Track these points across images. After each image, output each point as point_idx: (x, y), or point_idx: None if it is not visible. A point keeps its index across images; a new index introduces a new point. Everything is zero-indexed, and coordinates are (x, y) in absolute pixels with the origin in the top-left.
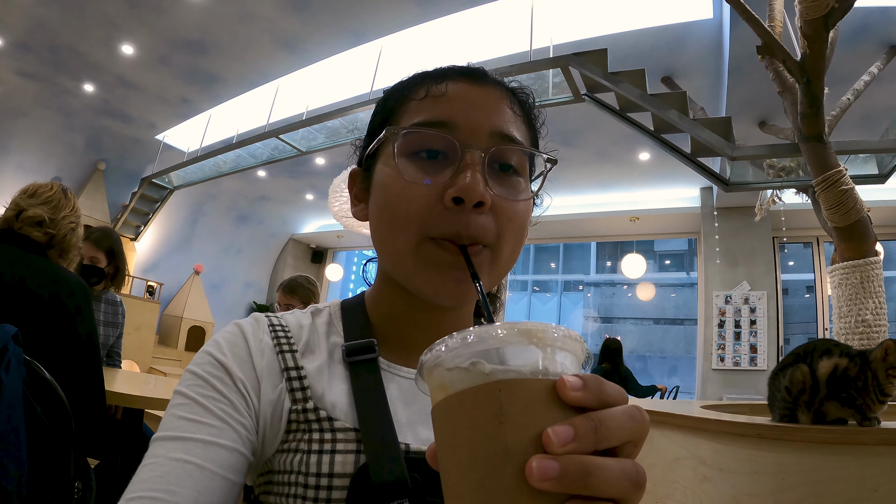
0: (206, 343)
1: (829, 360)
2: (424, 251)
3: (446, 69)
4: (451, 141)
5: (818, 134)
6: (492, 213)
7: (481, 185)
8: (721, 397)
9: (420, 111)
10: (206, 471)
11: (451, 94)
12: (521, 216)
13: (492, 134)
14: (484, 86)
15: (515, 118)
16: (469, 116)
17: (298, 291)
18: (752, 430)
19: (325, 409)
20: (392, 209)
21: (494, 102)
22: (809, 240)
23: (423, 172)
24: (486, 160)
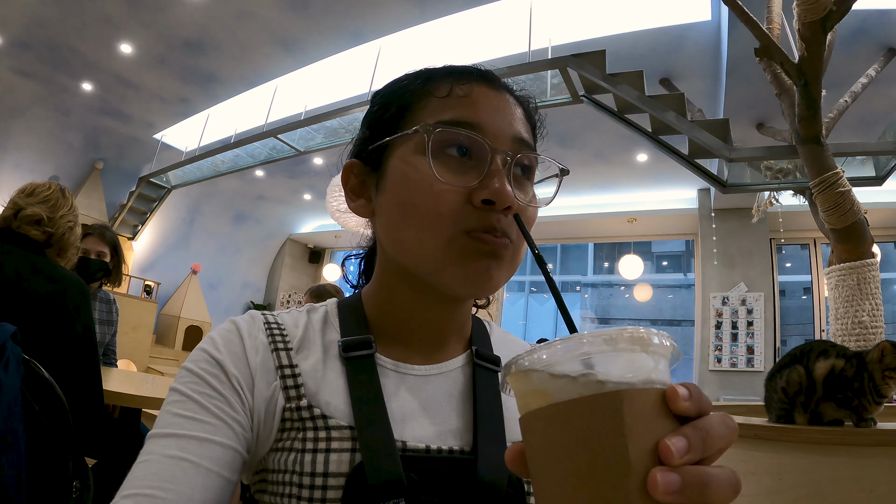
0: (202, 340)
1: (826, 361)
2: (458, 244)
3: (466, 69)
4: (481, 143)
5: (815, 136)
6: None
7: (510, 191)
8: (718, 398)
9: (445, 109)
10: (201, 468)
11: (476, 95)
12: (534, 219)
13: (514, 139)
14: (501, 91)
15: (526, 125)
16: (494, 120)
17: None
18: (749, 431)
19: (320, 406)
20: (419, 206)
21: (512, 109)
22: (806, 241)
23: (451, 172)
24: (511, 165)
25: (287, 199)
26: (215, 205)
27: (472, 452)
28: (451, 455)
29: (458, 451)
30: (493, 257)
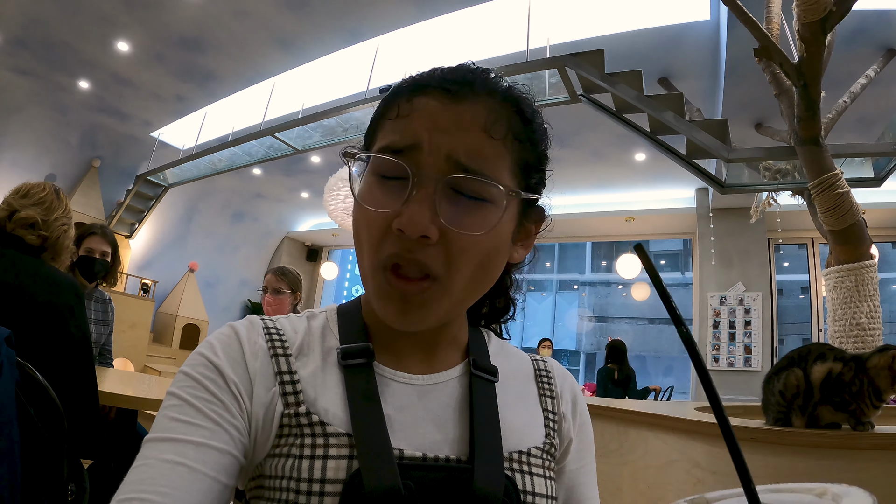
0: (200, 344)
1: (823, 364)
2: (377, 280)
3: (426, 79)
4: (404, 168)
5: (814, 137)
6: (442, 244)
7: (425, 219)
8: None
9: (389, 132)
10: (197, 473)
11: (417, 112)
12: (479, 248)
13: (449, 159)
14: (458, 103)
15: (487, 142)
16: (431, 138)
17: (289, 276)
18: (746, 433)
19: (318, 413)
20: (357, 232)
21: (465, 124)
22: (804, 241)
23: (380, 197)
24: (438, 189)
25: (284, 198)
26: (212, 203)
27: (468, 462)
28: (448, 464)
29: (455, 460)
30: (406, 301)
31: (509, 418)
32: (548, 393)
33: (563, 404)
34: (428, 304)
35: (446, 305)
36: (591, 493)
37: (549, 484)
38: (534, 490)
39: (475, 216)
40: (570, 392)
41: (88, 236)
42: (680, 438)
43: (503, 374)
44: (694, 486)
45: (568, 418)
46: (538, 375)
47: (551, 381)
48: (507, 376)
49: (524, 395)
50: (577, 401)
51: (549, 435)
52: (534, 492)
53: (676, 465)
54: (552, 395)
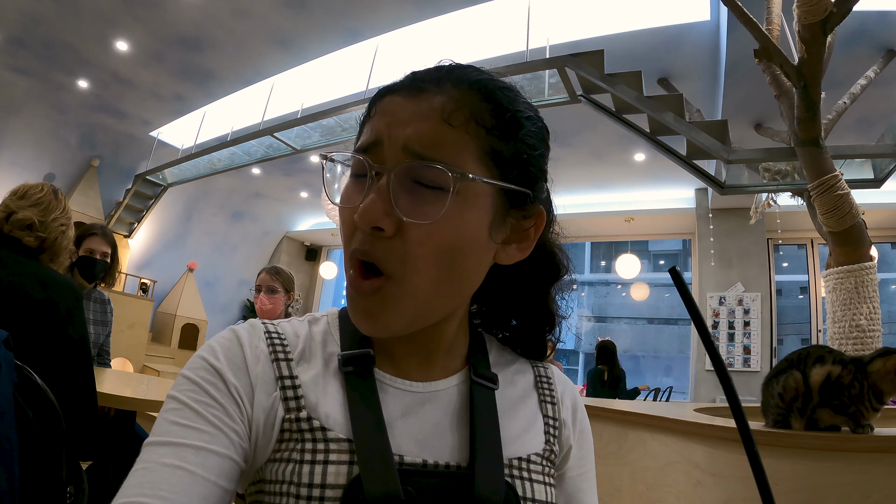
0: (201, 348)
1: (822, 367)
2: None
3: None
4: (362, 164)
5: (814, 138)
6: (399, 238)
7: (378, 209)
8: (714, 398)
9: (361, 135)
10: (197, 477)
11: (379, 111)
12: (437, 241)
13: (404, 150)
14: (419, 97)
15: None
16: (389, 132)
17: (283, 275)
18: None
19: (319, 419)
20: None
21: (423, 114)
22: (804, 241)
23: (348, 195)
24: (391, 180)
25: (284, 197)
26: (212, 202)
27: (469, 468)
28: (448, 470)
29: (455, 466)
30: (366, 300)
31: (509, 425)
32: (548, 399)
33: (564, 411)
34: (388, 307)
35: (410, 308)
36: (590, 499)
37: (549, 490)
38: (534, 497)
39: (430, 203)
40: (570, 398)
41: (89, 237)
42: (679, 440)
43: (503, 380)
44: (693, 488)
45: (568, 425)
46: (538, 382)
47: (552, 387)
48: (507, 382)
49: (524, 401)
50: (577, 407)
51: (548, 441)
52: (534, 498)
53: (675, 467)
54: (552, 402)
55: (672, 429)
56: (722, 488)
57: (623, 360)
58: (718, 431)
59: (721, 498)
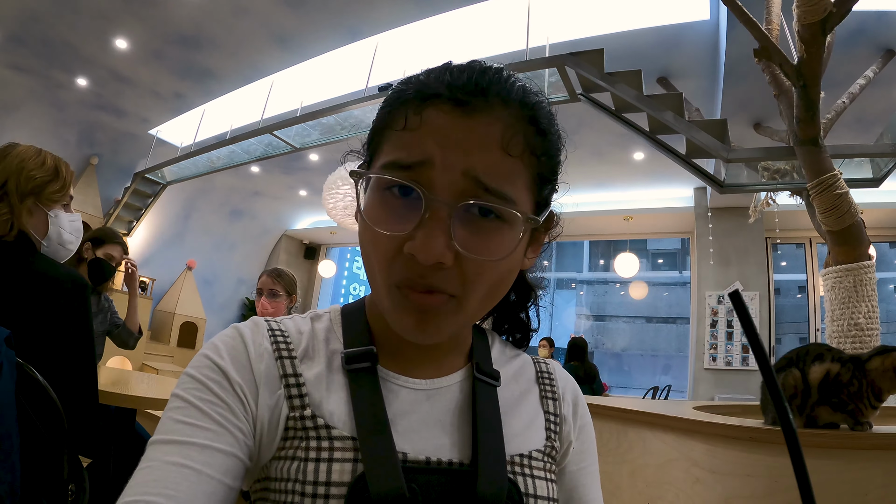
0: (205, 346)
1: (821, 365)
2: (393, 295)
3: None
4: (417, 189)
5: (814, 138)
6: (458, 267)
7: (439, 245)
8: (713, 397)
9: (396, 147)
10: (202, 475)
11: (428, 127)
12: (494, 269)
13: (466, 178)
14: (473, 115)
15: (505, 161)
16: (444, 156)
17: (285, 278)
18: (744, 433)
19: (323, 416)
20: (364, 250)
21: (480, 140)
22: (802, 240)
23: (390, 215)
24: (452, 214)
25: (283, 196)
26: (210, 201)
27: (471, 465)
28: (451, 467)
29: (458, 463)
30: (423, 312)
31: (511, 421)
32: (549, 395)
33: (565, 406)
34: (444, 319)
35: (461, 321)
36: (593, 494)
37: (551, 486)
38: (536, 493)
39: (491, 239)
40: (571, 394)
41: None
42: (678, 437)
43: (505, 377)
44: (692, 486)
45: (569, 420)
46: (540, 378)
47: (553, 383)
48: (509, 379)
49: (526, 397)
50: (578, 403)
51: (549, 437)
52: (536, 494)
53: (675, 464)
54: (554, 398)
55: (671, 426)
56: (721, 486)
57: (623, 359)
58: (718, 429)
59: (720, 495)
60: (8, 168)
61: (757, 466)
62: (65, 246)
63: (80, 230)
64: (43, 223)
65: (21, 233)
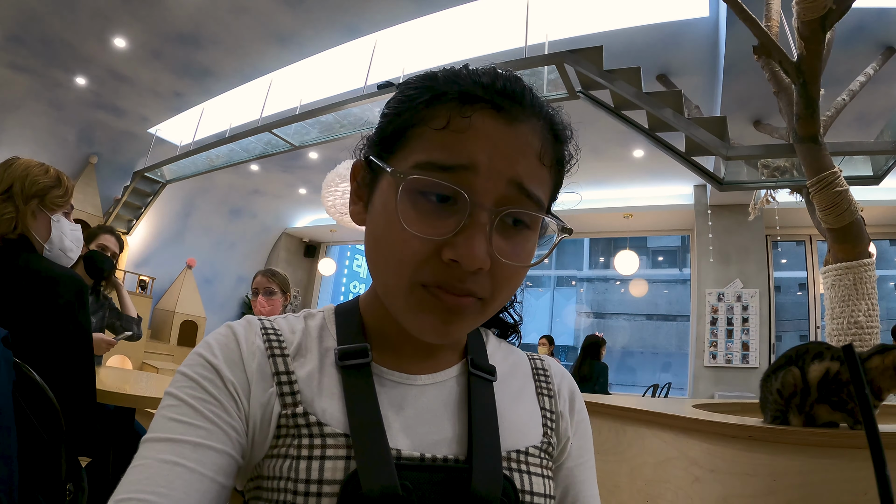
0: (198, 345)
1: (821, 363)
2: (416, 295)
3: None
4: (461, 194)
5: (813, 135)
6: (490, 272)
7: (483, 252)
8: (713, 395)
9: (436, 146)
10: (195, 473)
11: (475, 131)
12: (520, 275)
13: (509, 184)
14: (515, 124)
15: (540, 170)
16: (490, 162)
17: (279, 276)
18: (743, 431)
19: (315, 414)
20: (386, 248)
21: (523, 147)
22: (802, 238)
23: (425, 219)
24: (495, 221)
25: (282, 194)
26: (210, 199)
27: (466, 462)
28: (446, 464)
29: (453, 460)
30: (451, 313)
31: (507, 417)
32: (545, 391)
33: (561, 403)
34: (467, 319)
35: (479, 322)
36: (589, 490)
37: (548, 483)
38: (532, 489)
39: (521, 245)
40: (567, 390)
41: (102, 234)
42: (677, 436)
43: (501, 373)
44: (691, 484)
45: (565, 416)
46: (536, 374)
47: (549, 379)
48: (505, 375)
49: (522, 393)
50: (574, 399)
51: (546, 434)
52: (532, 491)
53: (674, 463)
54: (550, 394)
55: (670, 425)
56: (720, 485)
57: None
58: (717, 428)
59: (719, 494)
60: (13, 174)
61: (756, 465)
62: (66, 253)
63: (80, 240)
64: (45, 226)
65: (23, 234)
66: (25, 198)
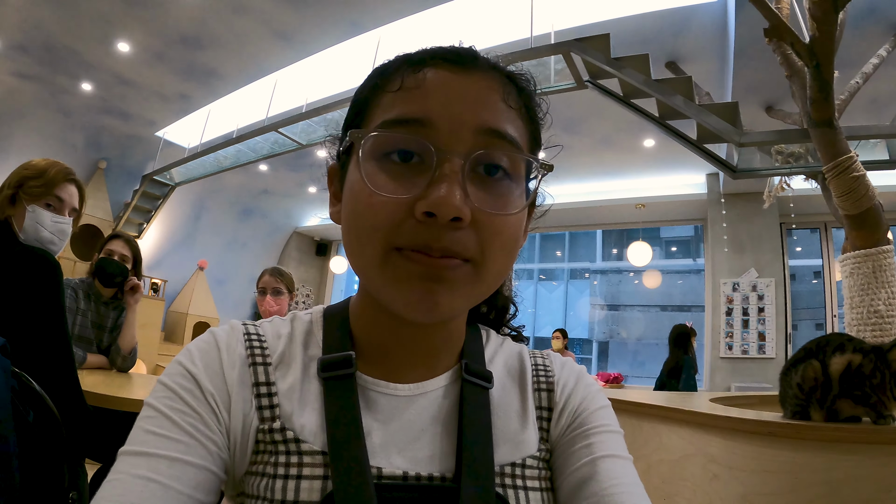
0: (180, 352)
1: (843, 356)
2: (392, 263)
3: (427, 52)
4: (425, 144)
5: (828, 119)
6: (473, 227)
7: (457, 199)
8: (729, 386)
9: (393, 106)
10: (170, 490)
11: (429, 84)
12: (510, 229)
13: (477, 132)
14: (470, 73)
15: (508, 112)
16: (449, 112)
17: (286, 276)
18: (763, 427)
19: (294, 429)
20: (358, 219)
21: (483, 94)
22: (817, 225)
23: (393, 180)
24: (466, 167)
25: (292, 193)
26: (220, 200)
27: (454, 479)
28: (431, 483)
29: (440, 478)
30: (434, 280)
31: (503, 426)
32: (543, 386)
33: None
34: (458, 287)
35: (474, 293)
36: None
37: (547, 496)
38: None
39: (503, 195)
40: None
41: (111, 240)
42: (695, 432)
43: (499, 377)
44: (710, 482)
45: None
46: (535, 372)
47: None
48: (502, 378)
49: (521, 397)
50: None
51: (543, 439)
52: None
53: (692, 460)
54: (549, 388)
55: (688, 421)
56: (739, 482)
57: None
58: (735, 423)
59: (738, 492)
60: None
61: (776, 462)
62: (43, 244)
63: (64, 233)
64: (22, 215)
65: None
66: (6, 187)
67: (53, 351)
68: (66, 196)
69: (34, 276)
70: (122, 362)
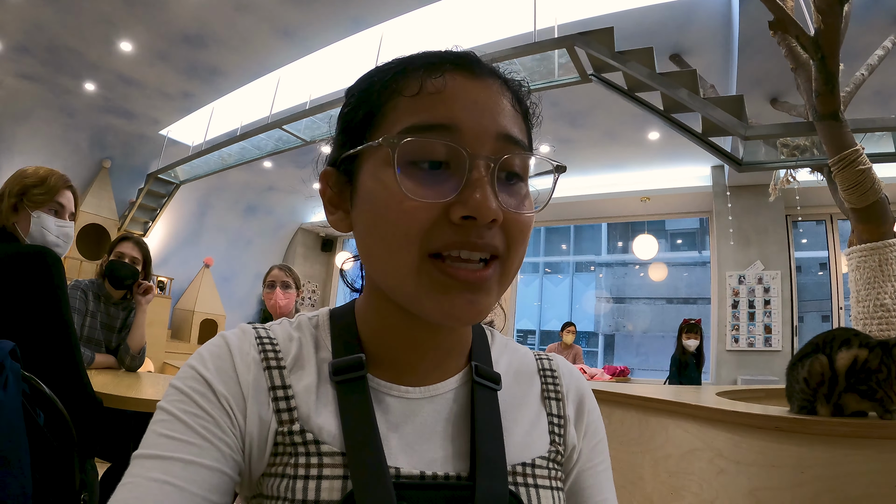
0: (191, 356)
1: (849, 351)
2: (427, 272)
3: (438, 57)
4: (457, 150)
5: (834, 112)
6: (502, 227)
7: (494, 202)
8: (736, 379)
9: (415, 111)
10: (185, 492)
11: (450, 90)
12: (529, 227)
13: (497, 137)
14: (482, 79)
15: (516, 116)
16: (473, 118)
17: (293, 272)
18: (770, 422)
19: (312, 431)
20: (389, 226)
21: (495, 99)
22: (823, 217)
23: (423, 186)
24: (495, 171)
25: (296, 189)
26: (225, 198)
27: (469, 478)
28: (448, 482)
29: (455, 477)
30: (475, 291)
31: (513, 427)
32: (553, 395)
33: (569, 406)
34: (492, 289)
35: (503, 290)
36: (603, 494)
37: (557, 495)
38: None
39: (521, 195)
40: (575, 392)
41: (121, 242)
42: (702, 426)
43: (506, 378)
44: (717, 476)
45: (572, 421)
46: (543, 376)
47: (556, 381)
48: (510, 380)
49: (528, 399)
50: (583, 400)
51: (554, 441)
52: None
53: (698, 454)
54: (558, 397)
55: (694, 415)
56: (746, 477)
57: (644, 340)
58: (742, 418)
59: (745, 487)
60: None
61: (783, 456)
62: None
63: (68, 236)
64: (26, 222)
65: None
66: (8, 196)
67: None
68: (65, 202)
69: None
70: (130, 362)
